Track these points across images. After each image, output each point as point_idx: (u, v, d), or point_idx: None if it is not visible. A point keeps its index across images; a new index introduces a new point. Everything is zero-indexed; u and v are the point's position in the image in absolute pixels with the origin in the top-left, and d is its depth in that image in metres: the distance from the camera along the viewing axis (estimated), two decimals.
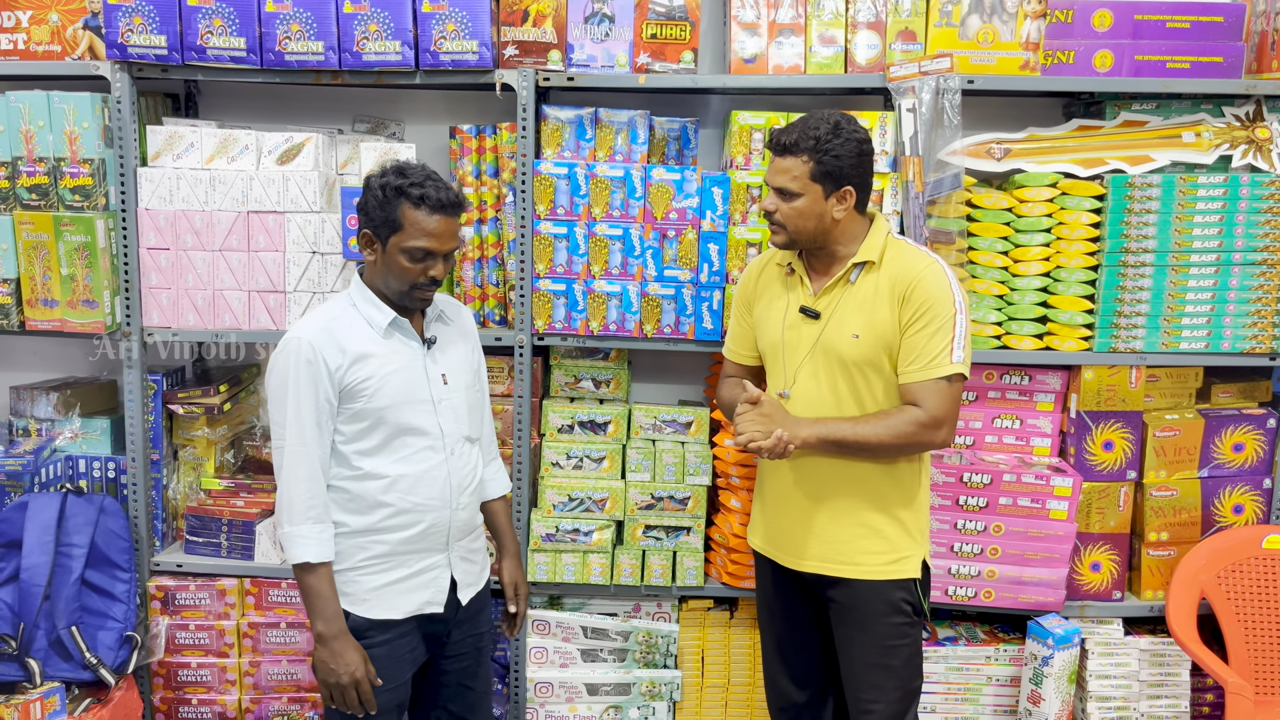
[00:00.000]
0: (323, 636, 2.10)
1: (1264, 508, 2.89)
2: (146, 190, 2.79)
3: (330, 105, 3.13)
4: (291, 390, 2.08)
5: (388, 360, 2.14)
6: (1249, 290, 2.77)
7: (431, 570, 2.23)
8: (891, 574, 2.27)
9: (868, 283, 2.22)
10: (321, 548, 2.10)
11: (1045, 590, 2.81)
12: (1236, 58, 2.76)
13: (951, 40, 2.73)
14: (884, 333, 2.19)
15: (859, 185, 2.19)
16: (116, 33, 2.67)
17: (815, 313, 2.26)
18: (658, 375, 3.25)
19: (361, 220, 2.13)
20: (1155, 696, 2.91)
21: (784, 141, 2.17)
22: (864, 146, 2.18)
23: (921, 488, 2.32)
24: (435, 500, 2.19)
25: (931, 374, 2.15)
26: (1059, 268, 2.78)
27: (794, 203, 2.18)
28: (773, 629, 2.50)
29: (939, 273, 2.19)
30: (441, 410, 2.20)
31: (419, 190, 2.06)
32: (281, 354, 2.10)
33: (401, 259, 2.09)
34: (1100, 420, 2.83)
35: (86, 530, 2.78)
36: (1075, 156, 2.79)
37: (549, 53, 2.75)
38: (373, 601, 2.17)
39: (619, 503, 2.89)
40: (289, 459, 2.10)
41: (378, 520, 2.16)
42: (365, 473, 2.15)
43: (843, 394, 2.25)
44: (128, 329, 2.83)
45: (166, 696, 2.95)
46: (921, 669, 2.38)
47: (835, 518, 2.28)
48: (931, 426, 2.16)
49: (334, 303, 2.19)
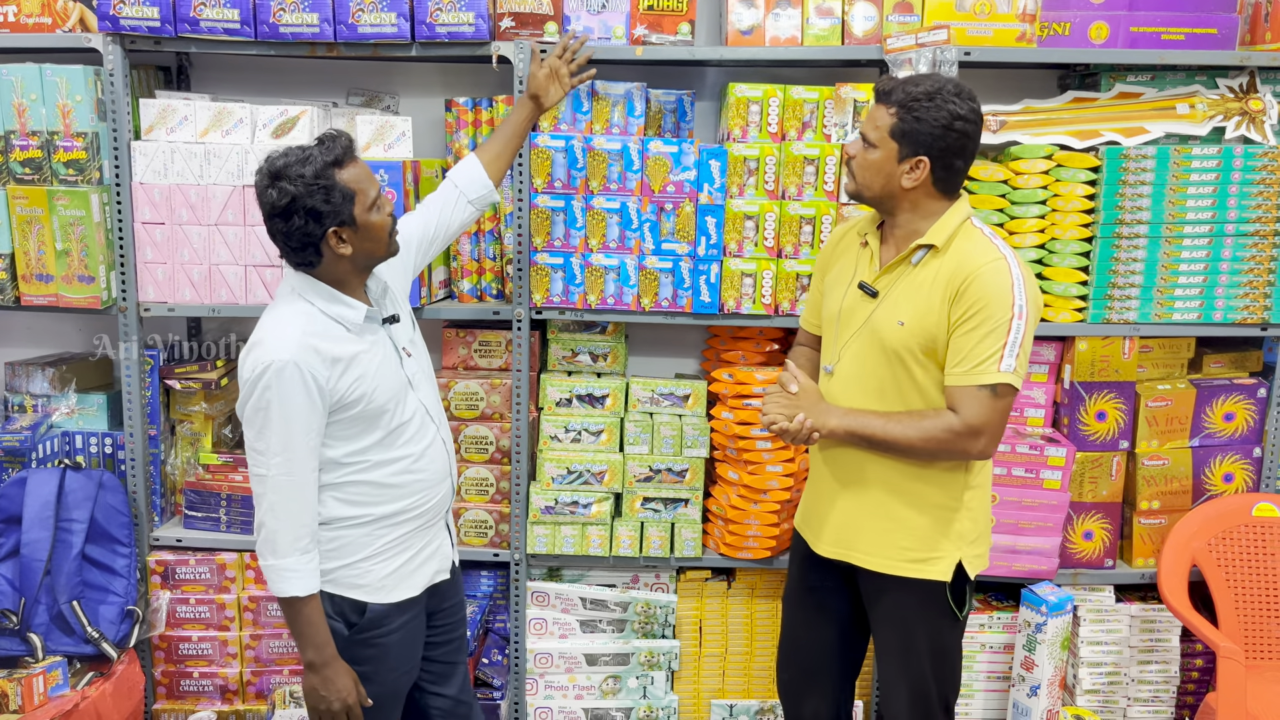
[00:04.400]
0: (314, 664, 2.02)
1: (1254, 476, 2.93)
2: (140, 164, 2.77)
3: (324, 78, 3.11)
4: (278, 417, 1.92)
5: (370, 358, 2.03)
6: (1241, 261, 2.79)
7: (435, 540, 2.24)
8: (914, 572, 2.16)
9: (929, 268, 2.07)
10: (308, 580, 1.99)
11: (1039, 559, 2.85)
12: (1231, 29, 2.77)
13: (948, 12, 2.72)
14: (929, 325, 2.05)
15: (938, 161, 2.03)
16: (108, 4, 2.64)
17: (874, 290, 2.14)
18: (655, 348, 3.26)
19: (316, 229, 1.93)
20: (1146, 662, 2.96)
21: (882, 88, 2.06)
22: (956, 123, 2.00)
23: (972, 487, 2.16)
24: (439, 473, 2.18)
25: (974, 380, 2.00)
26: (1054, 239, 2.80)
27: (870, 153, 2.07)
28: (790, 608, 2.45)
29: (1002, 270, 2.01)
30: (418, 386, 2.15)
31: (337, 150, 1.94)
32: (261, 378, 1.91)
33: (373, 217, 1.98)
34: (1094, 390, 2.86)
35: (86, 505, 2.78)
36: (1070, 129, 2.80)
37: (545, 24, 2.74)
38: (390, 586, 2.13)
39: (617, 475, 2.90)
40: (273, 489, 1.95)
41: (394, 507, 2.10)
42: (371, 464, 2.07)
43: (884, 381, 2.12)
44: (123, 304, 2.82)
45: (168, 670, 2.97)
46: (950, 678, 2.25)
47: (860, 505, 2.19)
48: (967, 435, 2.01)
49: (294, 311, 1.98)
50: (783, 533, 2.94)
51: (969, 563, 2.18)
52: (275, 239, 1.98)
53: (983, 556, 2.22)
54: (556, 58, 2.52)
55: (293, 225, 1.93)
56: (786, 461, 2.85)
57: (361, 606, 2.10)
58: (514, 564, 2.96)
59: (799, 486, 2.92)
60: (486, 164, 2.43)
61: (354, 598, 2.10)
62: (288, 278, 2.06)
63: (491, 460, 2.95)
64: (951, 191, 2.11)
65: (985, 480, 2.22)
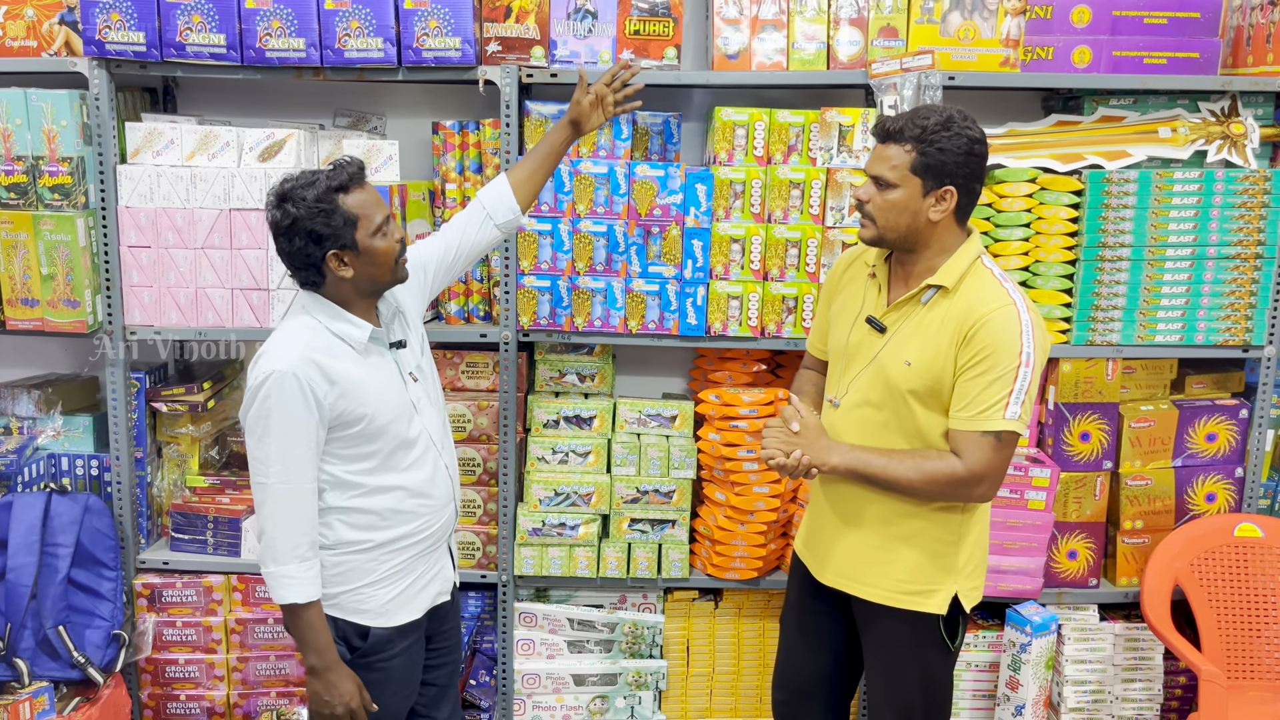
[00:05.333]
0: (315, 669, 2.05)
1: (1236, 496, 2.95)
2: (126, 188, 2.77)
3: (310, 99, 3.11)
4: (277, 425, 1.96)
5: (373, 379, 2.06)
6: (1223, 284, 2.82)
7: (438, 564, 2.26)
8: (909, 604, 2.16)
9: (938, 309, 2.06)
10: (308, 586, 2.02)
11: (1024, 579, 2.87)
12: (1212, 54, 2.80)
13: (933, 37, 2.74)
14: (937, 368, 2.04)
15: (962, 189, 2.03)
16: (94, 29, 2.64)
17: (882, 326, 2.13)
18: (641, 368, 3.27)
19: (316, 251, 1.99)
20: (1129, 680, 2.98)
21: (889, 128, 2.03)
22: (975, 147, 2.01)
23: (972, 523, 2.17)
24: (443, 498, 2.20)
25: (979, 426, 1.99)
26: (1038, 261, 2.82)
27: (889, 194, 2.03)
28: (788, 629, 2.46)
29: (1010, 317, 2.00)
30: (422, 410, 2.17)
31: (342, 176, 2.00)
32: (262, 387, 1.96)
33: (377, 243, 2.02)
34: (1077, 412, 2.88)
35: (72, 529, 2.78)
36: (1054, 152, 2.82)
37: (532, 49, 2.75)
38: (393, 611, 2.15)
39: (605, 497, 2.91)
40: (272, 497, 1.99)
41: (398, 532, 2.12)
42: (372, 488, 2.09)
43: (889, 419, 2.12)
44: (109, 328, 2.82)
45: (155, 693, 2.96)
46: (939, 710, 2.25)
47: (860, 541, 2.19)
48: (969, 481, 2.01)
49: (300, 325, 2.04)
50: (769, 553, 2.95)
51: (964, 596, 2.18)
52: (281, 257, 2.05)
53: (978, 589, 2.23)
54: (604, 84, 2.45)
55: (295, 245, 1.99)
56: (773, 483, 2.86)
57: (364, 631, 2.13)
58: (501, 585, 2.97)
59: (785, 507, 2.94)
60: (516, 186, 2.38)
61: (357, 622, 2.12)
62: (298, 295, 2.12)
63: (479, 482, 2.95)
64: (966, 220, 2.11)
65: (984, 515, 2.22)
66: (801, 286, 2.80)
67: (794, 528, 2.97)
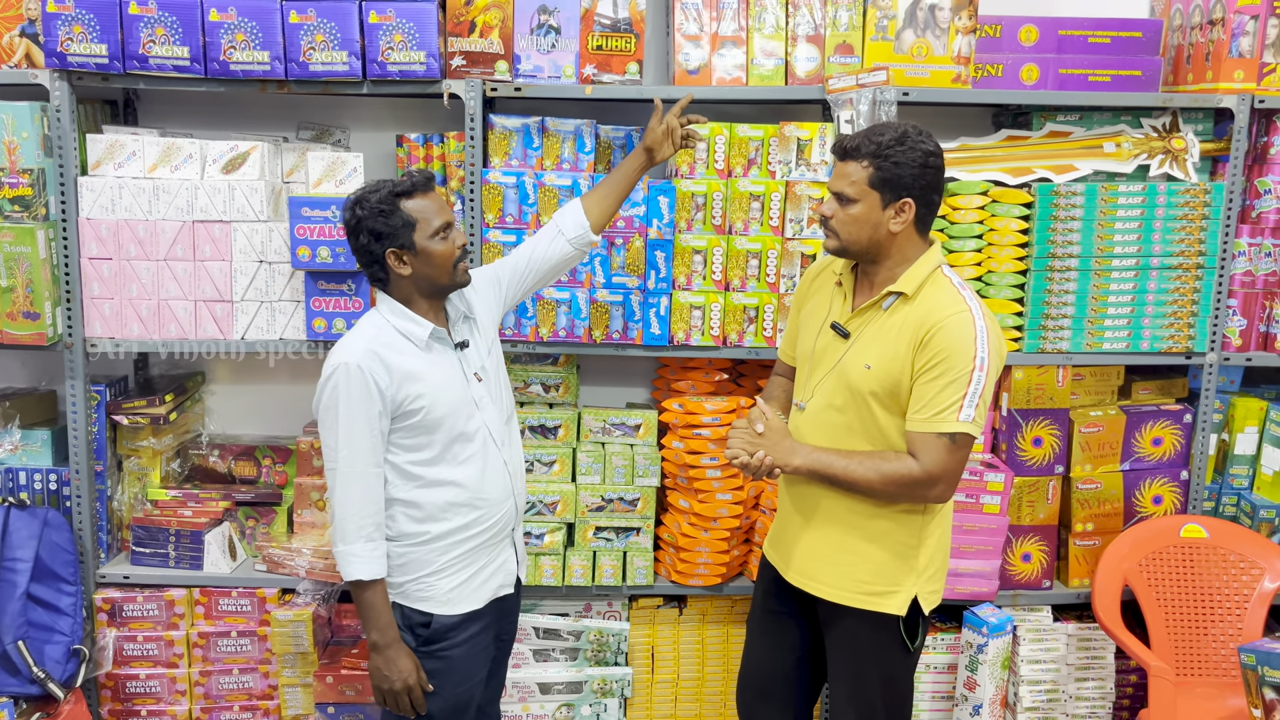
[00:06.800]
0: (377, 645, 2.19)
1: (1181, 498, 3.05)
2: (88, 200, 2.76)
3: (273, 112, 3.12)
4: (344, 413, 2.12)
5: (434, 373, 2.20)
6: (1166, 293, 2.92)
7: (500, 557, 2.34)
8: (869, 605, 2.21)
9: (899, 315, 2.14)
10: (373, 565, 2.16)
11: (980, 581, 2.94)
12: (1154, 72, 2.91)
13: (887, 54, 2.82)
14: (895, 371, 2.11)
15: (920, 200, 2.11)
16: (56, 41, 2.63)
17: (846, 332, 2.21)
18: (605, 379, 3.30)
19: (379, 247, 2.16)
20: (1082, 679, 3.06)
21: (847, 145, 2.12)
22: (930, 159, 2.09)
23: (933, 524, 2.22)
24: (500, 493, 2.29)
25: (934, 428, 2.06)
26: (990, 272, 2.90)
27: (851, 209, 2.12)
28: (753, 630, 2.50)
29: (965, 323, 2.07)
30: (484, 409, 2.28)
31: (406, 184, 2.17)
32: (330, 378, 2.13)
33: (434, 245, 2.16)
34: (1030, 418, 2.96)
35: (31, 544, 2.75)
36: (1004, 165, 2.91)
37: (496, 63, 2.79)
38: (455, 600, 2.26)
39: (570, 505, 2.94)
40: (341, 480, 2.15)
41: (453, 524, 2.23)
42: (430, 481, 2.21)
43: (851, 421, 2.18)
44: (70, 340, 2.80)
45: (115, 709, 2.93)
46: (899, 709, 2.31)
47: (821, 539, 2.25)
48: (925, 482, 2.08)
49: (368, 322, 2.23)
50: (733, 559, 3.00)
51: (924, 598, 2.23)
52: (354, 255, 2.24)
53: (937, 593, 2.28)
54: (674, 116, 2.53)
55: (360, 243, 2.19)
56: (736, 489, 2.91)
57: (428, 619, 2.25)
58: None
59: (748, 514, 2.98)
60: (588, 208, 2.50)
61: (421, 609, 2.25)
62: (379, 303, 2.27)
63: None
64: (927, 231, 2.19)
65: (945, 519, 2.27)
66: (762, 297, 2.85)
67: (757, 534, 3.02)
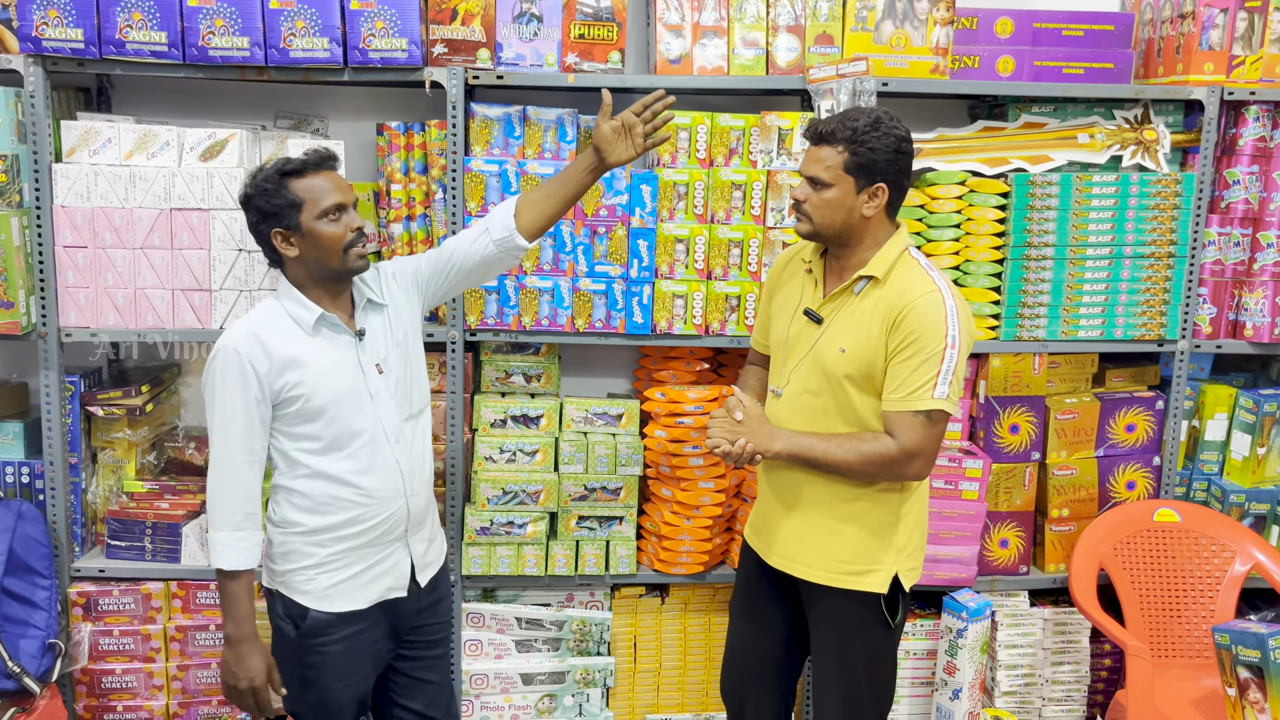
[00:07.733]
0: (231, 638, 2.14)
1: (1154, 484, 3.11)
2: (62, 187, 2.72)
3: (250, 100, 3.09)
4: (219, 398, 2.10)
5: (318, 360, 2.13)
6: (1139, 282, 2.98)
7: (390, 559, 2.25)
8: (850, 584, 2.25)
9: (870, 298, 2.17)
10: (238, 555, 2.11)
11: (959, 567, 2.97)
12: (1126, 64, 2.96)
13: (866, 45, 2.85)
14: (869, 354, 2.15)
15: (892, 185, 2.14)
16: (30, 25, 2.59)
17: (819, 317, 2.24)
18: (587, 369, 3.30)
19: (265, 226, 2.12)
20: (1059, 663, 3.11)
21: (821, 130, 2.14)
22: (903, 145, 2.13)
23: (910, 502, 2.27)
24: (389, 491, 2.20)
25: (910, 406, 2.10)
26: (968, 260, 2.94)
27: (824, 193, 2.14)
28: (736, 615, 2.52)
29: (936, 302, 2.12)
30: (379, 402, 2.20)
31: (297, 162, 2.12)
32: (211, 362, 2.11)
33: (322, 226, 2.09)
34: (1007, 405, 3.00)
35: (4, 537, 2.69)
36: (981, 156, 2.95)
37: (478, 51, 2.78)
38: (332, 597, 2.18)
39: (552, 495, 2.94)
40: (213, 465, 2.13)
41: (335, 519, 2.16)
42: (315, 471, 2.15)
43: (828, 405, 2.22)
44: (44, 329, 2.76)
45: (90, 704, 2.89)
46: (883, 686, 2.34)
47: (802, 522, 2.28)
48: (903, 459, 2.12)
49: (262, 306, 2.19)
50: (715, 548, 3.01)
51: (904, 575, 2.27)
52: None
53: (916, 570, 2.32)
54: (634, 113, 2.30)
55: (249, 220, 2.16)
56: (718, 478, 2.92)
57: (303, 612, 2.18)
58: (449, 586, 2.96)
59: (730, 502, 3.00)
60: (521, 208, 2.32)
61: (298, 601, 2.18)
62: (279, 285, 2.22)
63: None
64: (895, 215, 2.22)
65: (922, 496, 2.31)
66: (744, 285, 2.87)
67: (739, 522, 3.03)
